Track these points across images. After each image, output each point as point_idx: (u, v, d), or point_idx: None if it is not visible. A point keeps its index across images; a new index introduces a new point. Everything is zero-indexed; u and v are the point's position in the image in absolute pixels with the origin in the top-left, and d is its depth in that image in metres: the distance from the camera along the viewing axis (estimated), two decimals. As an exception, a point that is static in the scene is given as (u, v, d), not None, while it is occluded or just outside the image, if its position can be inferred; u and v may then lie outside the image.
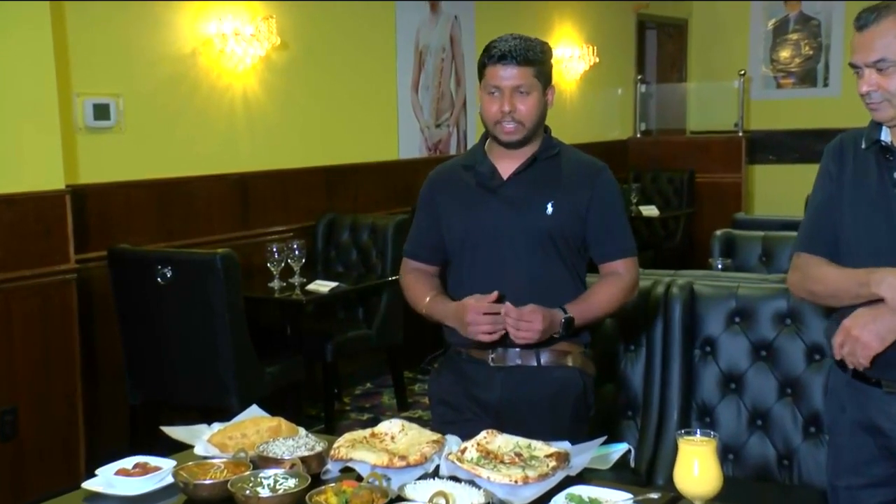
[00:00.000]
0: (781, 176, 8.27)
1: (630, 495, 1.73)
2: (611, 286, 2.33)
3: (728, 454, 2.59)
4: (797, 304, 2.60)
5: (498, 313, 2.19)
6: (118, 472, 1.87)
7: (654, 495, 1.76)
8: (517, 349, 2.30)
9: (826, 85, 8.32)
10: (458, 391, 2.37)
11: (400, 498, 1.70)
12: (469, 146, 2.51)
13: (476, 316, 2.20)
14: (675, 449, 1.64)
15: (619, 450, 2.20)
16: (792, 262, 2.14)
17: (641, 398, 2.74)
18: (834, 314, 2.06)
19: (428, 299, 2.36)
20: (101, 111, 4.19)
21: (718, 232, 4.22)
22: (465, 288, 2.33)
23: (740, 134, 8.14)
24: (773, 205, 7.97)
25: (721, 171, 8.00)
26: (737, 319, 2.67)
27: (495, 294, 2.22)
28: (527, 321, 2.18)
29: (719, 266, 3.89)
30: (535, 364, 2.31)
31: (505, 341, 2.26)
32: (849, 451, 2.03)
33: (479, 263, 2.33)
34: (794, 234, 4.18)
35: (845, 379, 2.03)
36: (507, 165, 2.34)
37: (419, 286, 2.41)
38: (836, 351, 1.95)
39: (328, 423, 4.61)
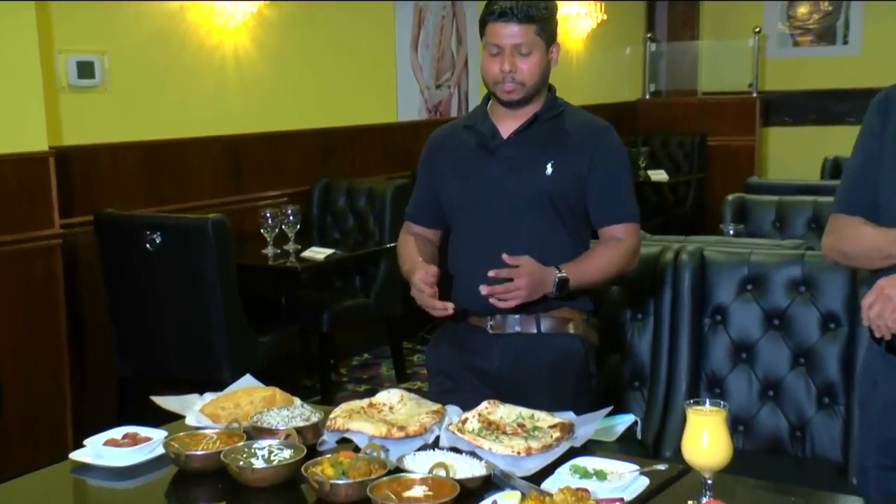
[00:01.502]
0: (798, 138, 8.22)
1: (636, 466, 1.74)
2: (609, 250, 2.32)
3: (738, 426, 2.61)
4: (812, 271, 2.60)
5: (434, 298, 2.21)
6: (107, 443, 1.88)
7: (662, 466, 1.77)
8: (517, 315, 2.31)
9: (846, 42, 8.24)
10: (456, 360, 2.38)
11: (399, 469, 1.72)
12: (470, 108, 2.51)
13: (415, 293, 2.24)
14: (683, 420, 1.64)
15: (624, 421, 2.21)
16: (828, 225, 2.13)
17: (649, 369, 2.76)
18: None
19: (411, 263, 2.36)
20: (86, 69, 4.16)
21: (730, 196, 4.20)
22: (464, 253, 2.34)
23: (755, 95, 8.08)
24: (788, 169, 7.94)
25: (734, 133, 7.96)
26: (749, 287, 2.67)
27: (434, 268, 2.25)
28: (511, 281, 2.17)
29: (731, 232, 3.89)
30: (536, 331, 2.31)
31: (503, 308, 2.26)
32: (879, 430, 2.02)
33: (478, 227, 2.34)
34: (810, 198, 4.24)
35: (879, 353, 2.02)
36: (508, 125, 2.33)
37: (409, 249, 2.42)
38: (865, 314, 1.91)
39: (324, 395, 4.64)
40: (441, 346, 2.45)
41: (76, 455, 1.88)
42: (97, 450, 1.87)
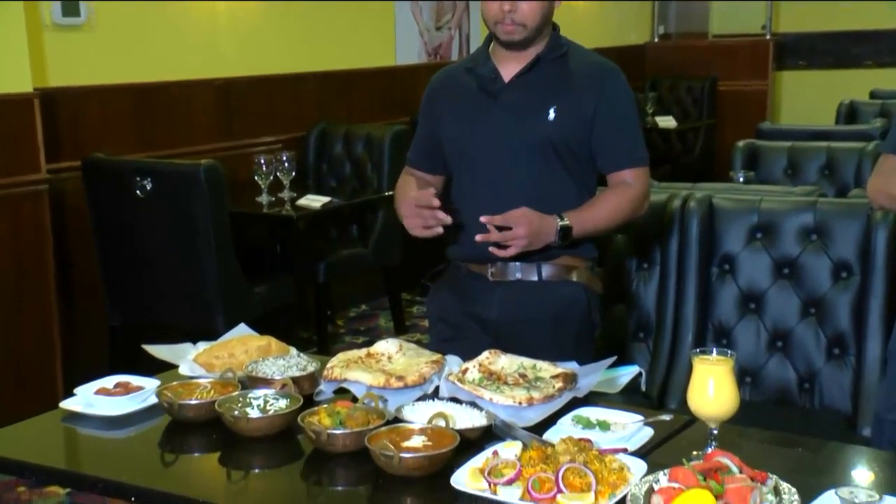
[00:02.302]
0: (813, 83, 8.14)
1: (640, 417, 1.75)
2: (617, 195, 2.30)
3: (745, 377, 2.63)
4: (824, 219, 2.59)
5: (433, 207, 2.18)
6: (98, 392, 1.90)
7: (666, 417, 1.79)
8: (517, 263, 2.30)
9: (865, -19, 8.12)
10: (456, 308, 2.38)
11: (397, 419, 1.73)
12: (472, 51, 2.47)
13: (407, 207, 2.21)
14: (689, 371, 1.65)
15: (629, 373, 2.22)
16: (876, 166, 2.11)
17: (654, 319, 2.76)
18: None
19: (403, 206, 2.33)
20: (70, 7, 4.11)
21: (741, 143, 4.18)
22: (466, 202, 2.32)
23: (768, 37, 7.99)
24: (801, 115, 7.87)
25: (746, 78, 7.88)
26: (758, 235, 2.67)
27: (431, 190, 2.22)
28: (510, 230, 2.15)
29: (741, 179, 3.87)
30: (537, 279, 2.31)
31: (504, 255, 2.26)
32: None
33: (480, 175, 2.32)
34: (824, 144, 4.22)
35: None
36: (510, 68, 2.30)
37: (406, 188, 2.40)
38: None
39: (321, 348, 4.66)
40: (442, 294, 2.45)
41: (67, 404, 1.90)
42: (88, 398, 1.89)
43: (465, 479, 1.51)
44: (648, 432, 1.72)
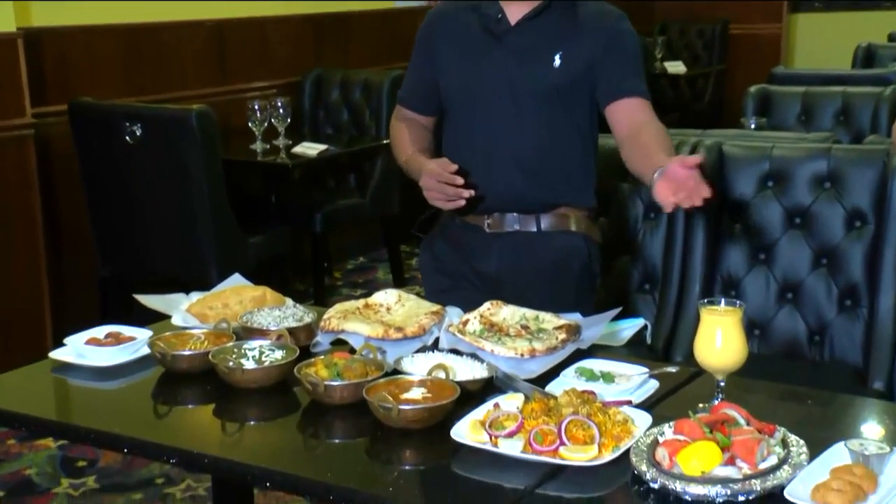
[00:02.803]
0: (829, 26, 8.03)
1: (645, 369, 1.76)
2: (661, 130, 2.21)
3: (754, 330, 2.63)
4: (839, 166, 2.58)
5: (457, 185, 2.15)
6: (89, 342, 1.90)
7: (672, 369, 1.79)
8: (515, 214, 2.29)
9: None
10: (453, 260, 2.37)
11: (396, 371, 1.74)
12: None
13: (428, 180, 2.19)
14: (696, 324, 1.65)
15: (634, 325, 2.22)
16: None
17: (660, 270, 2.76)
18: None
19: (407, 156, 2.33)
20: (54, -58, 4.05)
21: (753, 88, 4.14)
22: (463, 148, 2.29)
23: (783, -23, 7.89)
24: (817, 59, 7.78)
25: (759, 20, 7.78)
26: (770, 183, 2.66)
27: (454, 167, 2.17)
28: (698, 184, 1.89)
29: (752, 125, 3.85)
30: (536, 230, 2.30)
31: (501, 206, 2.25)
32: None
33: (479, 120, 2.29)
34: (839, 88, 4.18)
35: None
36: (516, 10, 2.27)
37: (404, 137, 2.38)
38: None
39: (318, 300, 4.67)
40: (436, 245, 2.44)
41: (56, 354, 1.90)
42: (78, 349, 1.89)
43: (465, 431, 1.52)
44: (653, 385, 1.73)
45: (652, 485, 1.36)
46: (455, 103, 2.35)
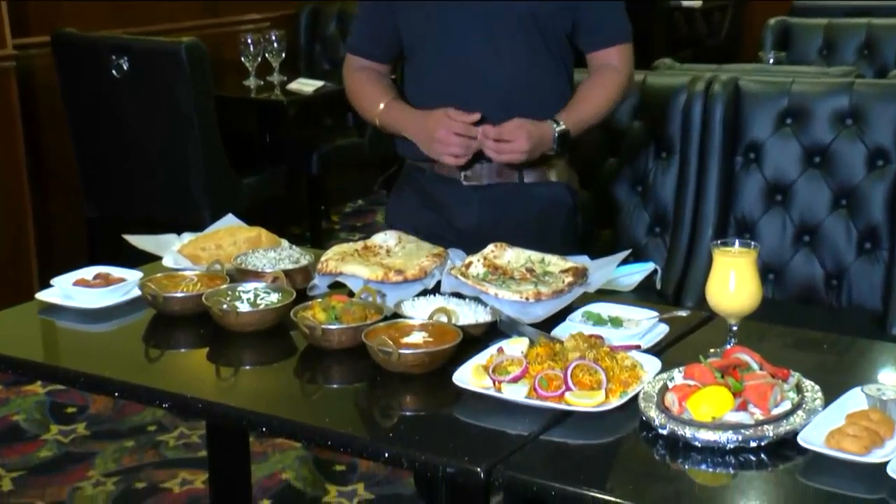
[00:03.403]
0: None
1: (655, 313, 1.76)
2: (607, 86, 2.22)
3: (769, 274, 2.64)
4: (861, 102, 2.56)
5: (473, 137, 2.11)
6: (77, 283, 1.90)
7: (683, 313, 1.80)
8: (495, 164, 2.21)
9: None
10: (426, 214, 2.28)
11: (396, 315, 1.74)
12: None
13: (448, 135, 2.11)
14: (709, 267, 1.65)
15: (643, 269, 2.22)
16: None
17: (671, 212, 2.76)
18: None
19: (383, 105, 2.23)
20: None
21: (772, 21, 4.10)
22: (429, 92, 2.20)
23: None
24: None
25: (780, -50, 7.67)
26: (788, 121, 2.64)
27: (477, 115, 2.11)
28: (507, 140, 2.09)
29: (771, 60, 3.82)
30: (518, 181, 2.24)
31: (479, 156, 2.18)
32: None
33: (448, 58, 2.19)
34: (863, 20, 4.12)
35: None
36: None
37: (371, 89, 2.28)
38: None
39: (314, 244, 4.68)
40: (405, 199, 2.34)
41: (43, 295, 1.91)
42: (66, 290, 1.90)
43: (467, 376, 1.53)
44: (663, 329, 1.73)
45: (661, 431, 1.37)
46: (418, 41, 2.24)
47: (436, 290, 1.86)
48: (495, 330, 1.71)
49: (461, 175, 2.23)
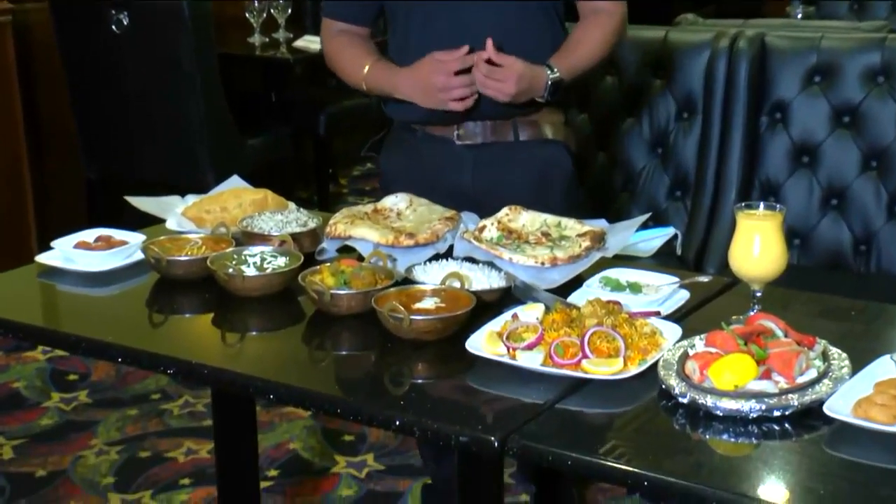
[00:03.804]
0: None
1: (675, 279, 1.76)
2: (600, 29, 2.19)
3: (794, 239, 2.63)
4: (894, 58, 2.54)
5: (470, 70, 2.07)
6: (77, 246, 1.91)
7: (704, 279, 1.80)
8: (489, 122, 2.20)
9: None
10: (420, 176, 2.25)
11: (407, 280, 1.74)
12: None
13: (447, 78, 2.08)
14: (731, 231, 1.65)
15: (663, 234, 2.23)
16: None
17: (693, 175, 2.76)
18: None
19: (368, 67, 2.21)
20: None
21: (801, -26, 4.06)
22: (416, 48, 2.17)
23: None
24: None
25: None
26: (817, 79, 2.63)
27: (465, 48, 2.08)
28: (497, 80, 2.06)
29: (799, 14, 3.79)
30: (513, 139, 2.22)
31: (472, 113, 2.16)
32: None
33: (432, 13, 2.16)
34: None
35: None
36: None
37: (352, 52, 2.26)
38: None
39: (322, 208, 4.68)
40: (397, 159, 2.33)
41: (43, 258, 1.91)
42: (67, 253, 1.90)
43: (481, 343, 1.53)
44: (684, 295, 1.73)
45: (681, 399, 1.37)
46: (402, 3, 2.21)
47: (448, 254, 1.86)
48: (510, 296, 1.71)
49: (454, 134, 2.22)
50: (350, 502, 2.72)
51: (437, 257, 1.85)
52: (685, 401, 1.36)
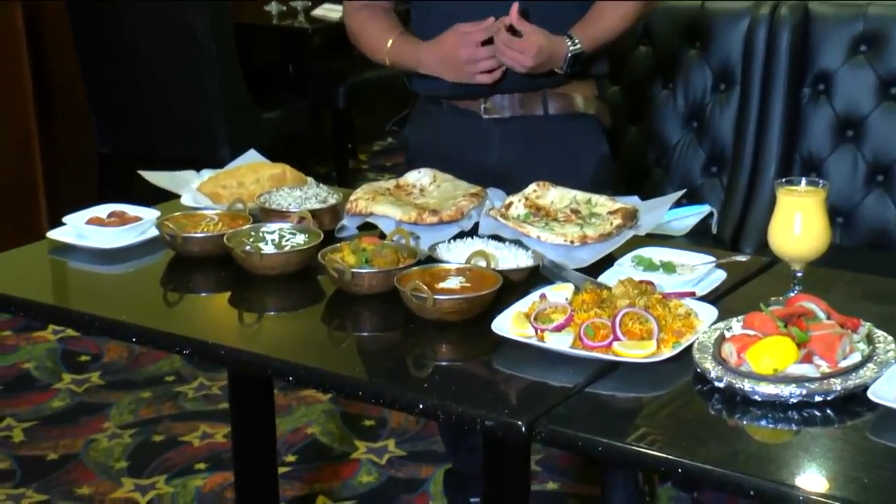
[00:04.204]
0: None
1: (712, 258, 1.75)
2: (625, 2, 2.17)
3: (837, 218, 2.62)
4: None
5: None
6: (90, 222, 1.93)
7: (742, 258, 1.79)
8: (517, 95, 2.20)
9: None
10: (445, 150, 2.25)
11: (431, 259, 1.75)
12: None
13: (474, 50, 2.09)
14: (771, 208, 1.64)
15: (698, 212, 2.22)
16: None
17: (730, 150, 2.75)
18: None
19: (391, 42, 2.23)
20: None
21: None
22: (441, 18, 2.17)
23: None
24: None
25: None
26: (863, 48, 2.61)
27: (490, 19, 2.09)
28: (516, 50, 2.07)
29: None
30: (542, 113, 2.22)
31: (499, 86, 2.16)
32: None
33: None
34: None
35: None
36: None
37: (375, 26, 2.27)
38: None
39: (341, 185, 4.69)
40: (420, 136, 2.34)
41: (55, 234, 1.93)
42: (79, 229, 1.92)
43: (508, 325, 1.53)
44: (720, 275, 1.72)
45: (717, 384, 1.36)
46: None
47: (473, 232, 1.86)
48: (537, 275, 1.71)
49: (481, 108, 2.23)
50: (370, 489, 2.74)
51: (461, 235, 1.85)
52: (721, 385, 1.36)
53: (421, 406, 1.42)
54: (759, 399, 1.33)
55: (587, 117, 2.26)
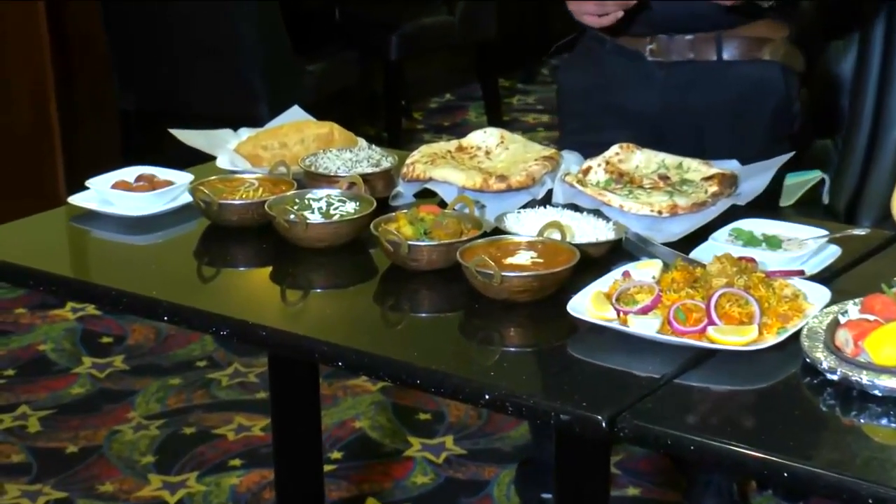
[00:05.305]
0: None
1: (824, 231, 1.74)
2: None
3: (969, 188, 2.58)
4: None
5: None
6: (116, 186, 1.95)
7: (860, 232, 1.78)
8: (689, 36, 2.23)
9: None
10: (598, 94, 2.32)
11: (497, 230, 1.75)
12: None
13: None
14: (893, 174, 1.62)
15: (808, 179, 2.20)
16: None
17: (847, 109, 2.71)
18: None
19: None
20: None
21: None
22: None
23: None
24: None
25: None
26: None
27: None
28: None
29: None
30: (716, 58, 2.24)
31: (668, 23, 2.20)
32: None
33: None
34: None
35: None
36: None
37: None
38: None
39: (393, 146, 4.71)
40: (574, 74, 2.40)
41: (77, 199, 1.96)
42: (104, 194, 1.95)
43: (586, 305, 1.54)
44: (834, 251, 1.71)
45: (829, 376, 1.36)
46: None
47: (546, 200, 1.87)
48: (620, 250, 1.72)
49: (646, 49, 2.26)
50: (425, 491, 2.76)
51: (533, 204, 1.86)
52: (835, 377, 1.35)
53: (487, 397, 1.42)
54: (880, 394, 1.32)
55: (771, 65, 2.27)
